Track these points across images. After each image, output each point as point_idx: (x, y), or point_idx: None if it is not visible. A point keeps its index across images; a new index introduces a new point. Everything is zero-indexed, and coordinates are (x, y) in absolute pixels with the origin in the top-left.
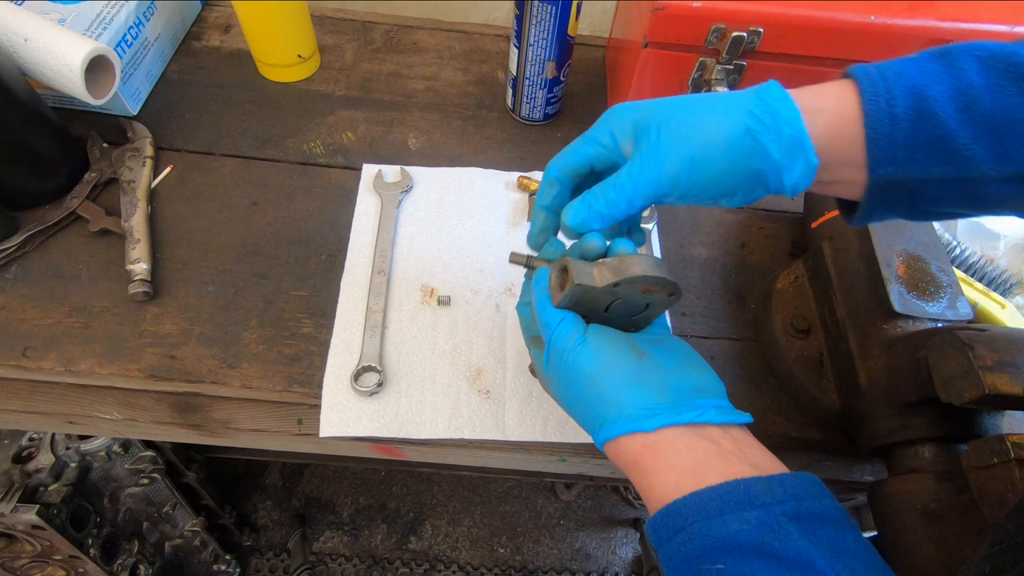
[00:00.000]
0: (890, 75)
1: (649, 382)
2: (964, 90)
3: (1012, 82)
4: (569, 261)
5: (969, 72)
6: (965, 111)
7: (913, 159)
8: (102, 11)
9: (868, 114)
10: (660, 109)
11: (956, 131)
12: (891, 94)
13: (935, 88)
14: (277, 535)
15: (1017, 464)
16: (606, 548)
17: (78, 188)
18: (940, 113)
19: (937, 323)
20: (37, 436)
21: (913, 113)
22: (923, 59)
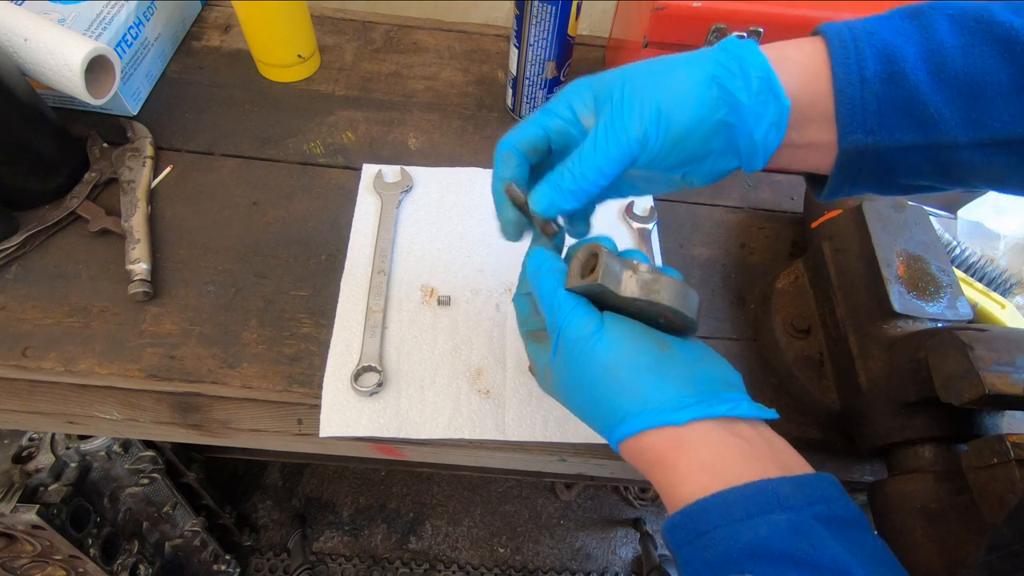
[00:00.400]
0: (861, 35)
1: (675, 373)
2: (936, 51)
3: (985, 43)
4: (601, 251)
5: (941, 32)
6: (937, 73)
7: (883, 125)
8: (102, 11)
9: (837, 76)
10: (622, 73)
11: (927, 95)
12: (861, 56)
13: (907, 49)
14: (277, 535)
15: (1017, 464)
16: (606, 548)
17: (78, 188)
18: (911, 76)
19: (937, 323)
20: (37, 436)
21: (884, 76)
22: (895, 17)
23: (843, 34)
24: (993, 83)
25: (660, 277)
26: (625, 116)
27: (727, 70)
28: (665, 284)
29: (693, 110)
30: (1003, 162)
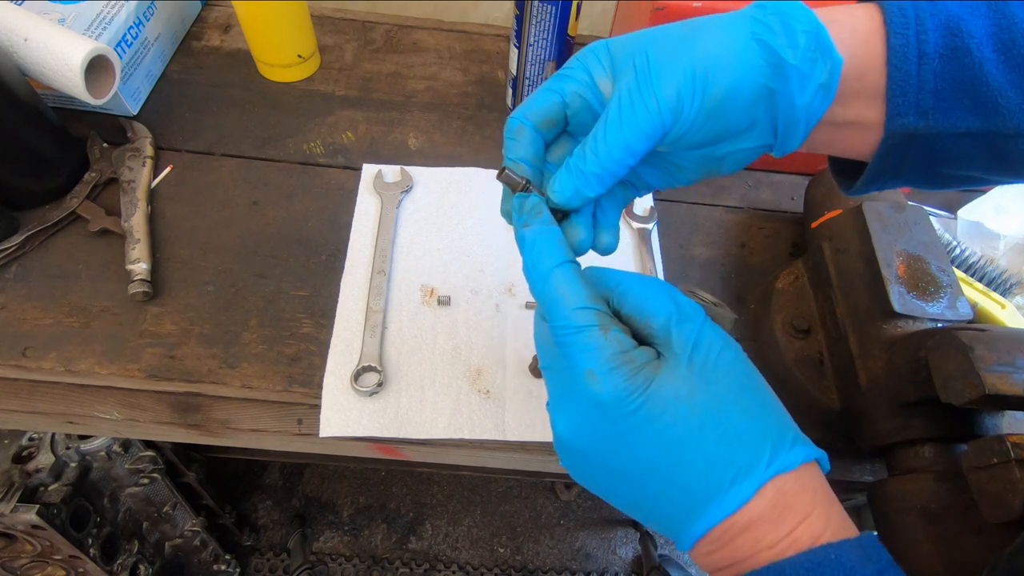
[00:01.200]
0: (923, 3)
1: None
2: (1007, 27)
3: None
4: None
5: (1013, 6)
6: (1005, 51)
7: (939, 107)
8: (102, 11)
9: (892, 48)
10: (646, 35)
11: (993, 76)
12: (923, 27)
13: (973, 22)
14: (277, 535)
15: (1017, 464)
16: (606, 548)
17: (78, 188)
18: (976, 53)
19: (937, 323)
20: (37, 436)
21: (946, 51)
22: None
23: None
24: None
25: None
26: (654, 79)
27: (768, 28)
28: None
29: (733, 72)
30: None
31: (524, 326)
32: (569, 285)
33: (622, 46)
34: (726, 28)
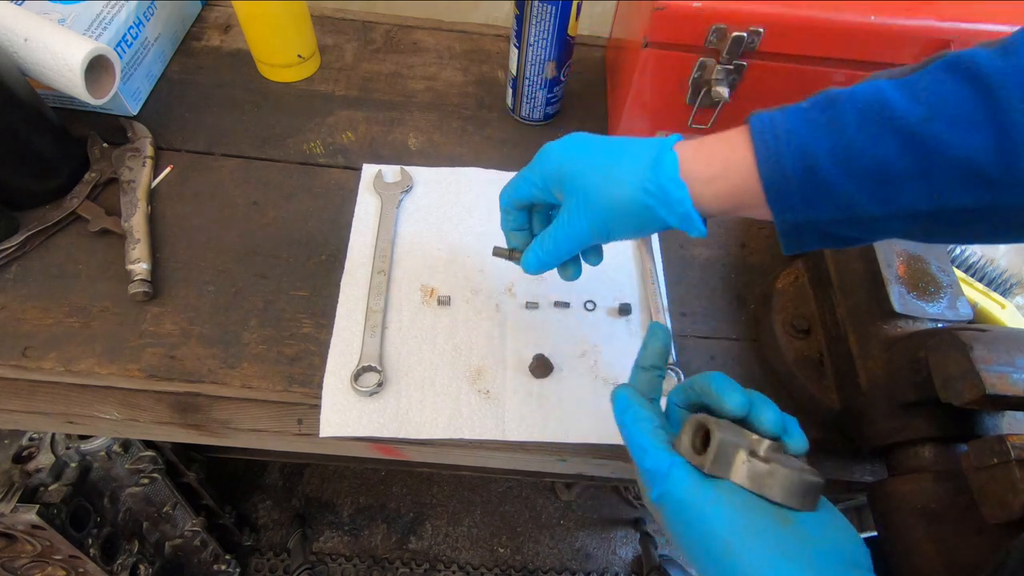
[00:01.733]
0: (781, 133)
1: (798, 555)
2: (844, 146)
3: (889, 133)
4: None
5: (849, 127)
6: (845, 165)
7: (809, 206)
8: (102, 11)
9: (763, 174)
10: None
11: (839, 184)
12: (781, 156)
13: (818, 146)
14: (277, 535)
15: (1017, 464)
16: (606, 548)
17: (78, 188)
18: (824, 168)
19: (937, 323)
20: (37, 436)
21: (801, 170)
22: (814, 109)
23: (766, 134)
24: (895, 169)
25: (777, 469)
26: (583, 220)
27: (657, 200)
28: (780, 477)
29: (633, 222)
30: (918, 226)
31: (524, 326)
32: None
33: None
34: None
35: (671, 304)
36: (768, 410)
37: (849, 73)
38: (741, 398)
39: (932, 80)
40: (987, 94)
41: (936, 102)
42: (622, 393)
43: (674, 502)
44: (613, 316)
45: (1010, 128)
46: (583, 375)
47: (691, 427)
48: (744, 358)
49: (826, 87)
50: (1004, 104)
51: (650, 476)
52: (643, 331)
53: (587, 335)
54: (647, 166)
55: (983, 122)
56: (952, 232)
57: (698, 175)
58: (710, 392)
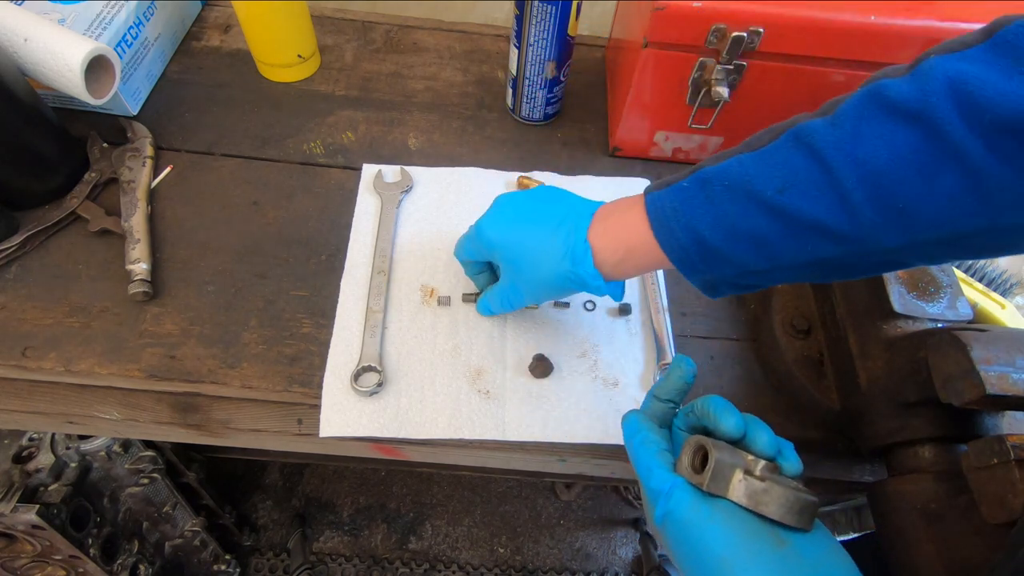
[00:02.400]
0: (670, 212)
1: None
2: (724, 218)
3: (755, 205)
4: (712, 451)
5: (723, 203)
6: (729, 234)
7: (709, 268)
8: (102, 11)
9: (665, 250)
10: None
11: (728, 251)
12: (673, 231)
13: (702, 221)
14: (277, 535)
15: (1017, 464)
16: (606, 548)
17: (78, 188)
18: (711, 240)
19: (937, 323)
20: (37, 436)
21: (695, 243)
22: (692, 187)
23: (659, 213)
24: (767, 233)
25: (772, 487)
26: (519, 290)
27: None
28: (775, 495)
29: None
30: (805, 273)
31: (524, 326)
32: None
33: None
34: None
35: (671, 304)
36: (763, 432)
37: (849, 73)
38: (737, 420)
39: (782, 153)
40: (824, 165)
41: (786, 174)
42: (633, 418)
43: (675, 521)
44: (613, 316)
45: (846, 194)
46: (583, 375)
47: (690, 447)
48: (744, 358)
49: (826, 87)
50: (837, 174)
51: (654, 496)
52: (643, 331)
53: (587, 335)
54: (564, 257)
55: (826, 189)
56: (839, 274)
57: (608, 259)
58: (708, 414)
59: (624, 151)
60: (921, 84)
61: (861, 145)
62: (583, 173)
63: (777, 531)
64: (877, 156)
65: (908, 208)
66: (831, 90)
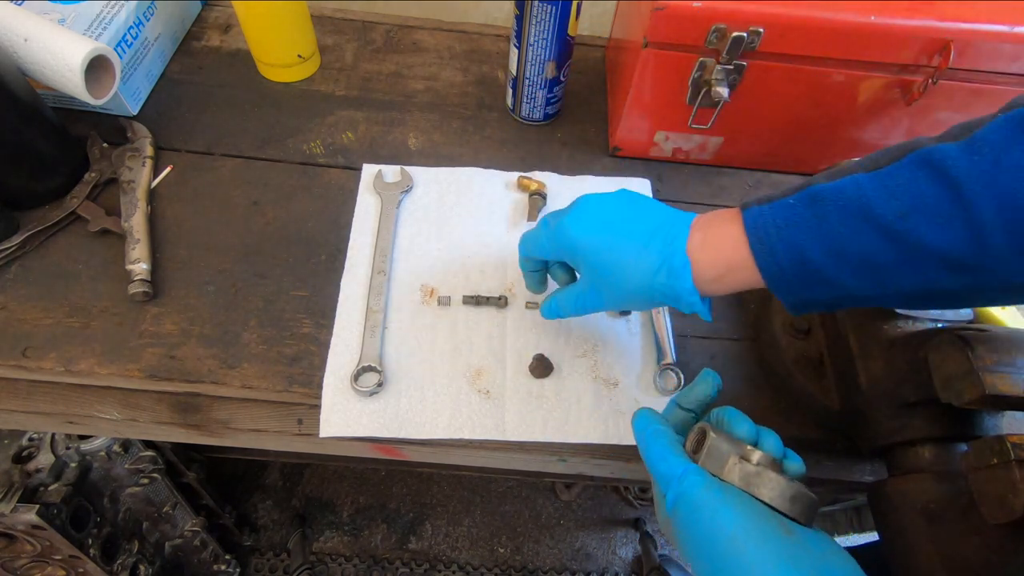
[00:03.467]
0: (772, 231)
1: (802, 563)
2: (833, 239)
3: (871, 229)
4: (710, 433)
5: (834, 224)
6: (836, 256)
7: (808, 290)
8: (102, 11)
9: (761, 267)
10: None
11: (832, 273)
12: (775, 251)
13: (808, 241)
14: (277, 535)
15: (1017, 464)
16: (606, 548)
17: (78, 188)
18: (816, 261)
19: (937, 323)
20: (37, 436)
21: (796, 262)
22: (799, 204)
23: (759, 231)
24: (881, 259)
25: (765, 472)
26: (600, 297)
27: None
28: (767, 479)
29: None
30: (911, 301)
31: (524, 326)
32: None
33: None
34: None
35: None
36: (772, 438)
37: (849, 73)
38: (749, 427)
39: (906, 176)
40: (957, 193)
41: (910, 199)
42: (645, 413)
43: (687, 503)
44: (613, 316)
45: (980, 225)
46: (583, 375)
47: (694, 434)
48: (744, 358)
49: (826, 87)
50: (973, 202)
51: (666, 480)
52: (643, 331)
53: (587, 335)
54: (660, 269)
55: (955, 217)
56: (947, 304)
57: (705, 275)
58: (724, 421)
59: (624, 151)
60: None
61: (1002, 173)
62: (583, 173)
63: (785, 522)
64: (1020, 187)
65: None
66: (831, 90)
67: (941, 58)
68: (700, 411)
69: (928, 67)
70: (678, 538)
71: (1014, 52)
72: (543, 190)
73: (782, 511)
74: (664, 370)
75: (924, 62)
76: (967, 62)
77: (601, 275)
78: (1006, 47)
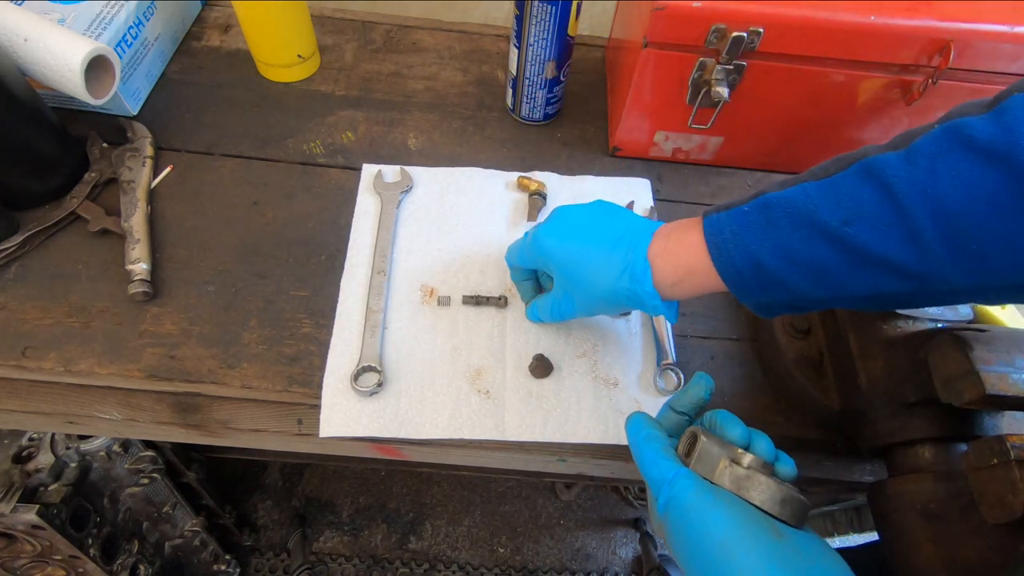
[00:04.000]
0: (728, 236)
1: (792, 565)
2: (783, 244)
3: (817, 235)
4: (701, 437)
5: (784, 229)
6: (788, 261)
7: (766, 293)
8: (102, 11)
9: (720, 271)
10: (562, 263)
11: (786, 277)
12: (731, 256)
13: (760, 246)
14: (277, 535)
15: (1017, 464)
16: (606, 548)
17: (78, 188)
18: (768, 265)
19: (937, 323)
20: (37, 436)
21: (751, 267)
22: (752, 212)
23: (717, 237)
24: (829, 264)
25: (756, 475)
26: (571, 302)
27: (633, 300)
28: (756, 482)
29: (612, 310)
30: (865, 304)
31: (524, 326)
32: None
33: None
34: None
35: None
36: (764, 441)
37: (849, 73)
38: (742, 431)
39: (850, 185)
40: (895, 201)
41: (854, 206)
42: (637, 417)
43: (678, 507)
44: (613, 316)
45: (918, 232)
46: (583, 375)
47: (686, 438)
48: (744, 358)
49: (826, 87)
50: (910, 210)
51: (657, 485)
52: (643, 331)
53: (587, 335)
54: (623, 274)
55: (895, 225)
56: (901, 305)
57: (665, 280)
58: (716, 424)
59: (624, 151)
60: (1007, 123)
61: (937, 183)
62: (583, 173)
63: (776, 525)
64: (954, 196)
65: (983, 251)
66: (831, 90)
67: (941, 58)
68: (693, 414)
69: (928, 67)
70: (670, 541)
71: (1014, 52)
72: (543, 190)
73: (772, 514)
74: (664, 370)
75: (924, 62)
76: (967, 62)
77: (572, 280)
78: (1006, 47)
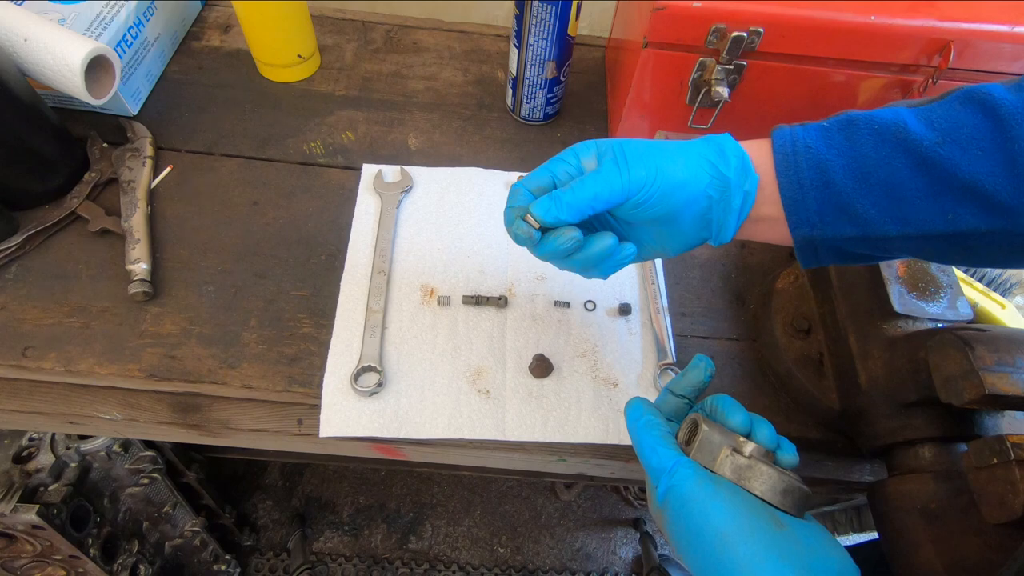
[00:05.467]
0: (800, 148)
1: (792, 556)
2: (861, 162)
3: (901, 154)
4: (702, 425)
5: (865, 145)
6: (862, 181)
7: (824, 221)
8: (102, 11)
9: (781, 185)
10: (626, 141)
11: (856, 201)
12: (799, 167)
13: (835, 160)
14: (277, 535)
15: (1017, 464)
16: (606, 548)
17: (78, 188)
18: (839, 184)
19: (937, 323)
20: (37, 436)
21: (818, 184)
22: (832, 128)
23: (786, 146)
24: (908, 188)
25: (757, 465)
26: (631, 163)
27: (713, 152)
28: (758, 472)
29: (685, 173)
30: (933, 248)
31: (524, 326)
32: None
33: (610, 143)
34: (685, 149)
35: (671, 304)
36: (766, 428)
37: (849, 73)
38: (743, 417)
39: (947, 108)
40: (998, 123)
41: (949, 128)
42: (636, 403)
43: (677, 497)
44: (613, 316)
45: (1018, 156)
46: (583, 375)
47: (686, 425)
48: (744, 358)
49: (826, 87)
50: (1013, 133)
51: (656, 473)
52: (643, 331)
53: (587, 335)
54: (701, 140)
55: (992, 149)
56: (966, 255)
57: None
58: (717, 410)
59: None
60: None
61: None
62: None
63: (776, 515)
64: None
65: None
66: (831, 90)
67: (941, 58)
68: (693, 397)
69: (928, 67)
70: (668, 530)
71: (1014, 52)
72: None
73: (774, 504)
74: (664, 370)
75: (924, 62)
76: (967, 62)
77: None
78: (1006, 47)
